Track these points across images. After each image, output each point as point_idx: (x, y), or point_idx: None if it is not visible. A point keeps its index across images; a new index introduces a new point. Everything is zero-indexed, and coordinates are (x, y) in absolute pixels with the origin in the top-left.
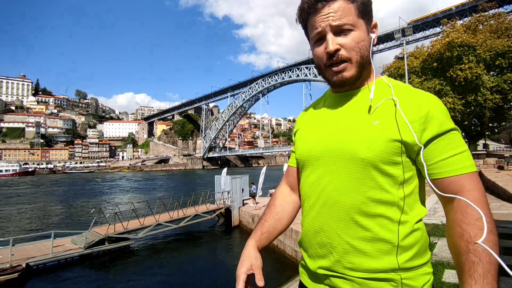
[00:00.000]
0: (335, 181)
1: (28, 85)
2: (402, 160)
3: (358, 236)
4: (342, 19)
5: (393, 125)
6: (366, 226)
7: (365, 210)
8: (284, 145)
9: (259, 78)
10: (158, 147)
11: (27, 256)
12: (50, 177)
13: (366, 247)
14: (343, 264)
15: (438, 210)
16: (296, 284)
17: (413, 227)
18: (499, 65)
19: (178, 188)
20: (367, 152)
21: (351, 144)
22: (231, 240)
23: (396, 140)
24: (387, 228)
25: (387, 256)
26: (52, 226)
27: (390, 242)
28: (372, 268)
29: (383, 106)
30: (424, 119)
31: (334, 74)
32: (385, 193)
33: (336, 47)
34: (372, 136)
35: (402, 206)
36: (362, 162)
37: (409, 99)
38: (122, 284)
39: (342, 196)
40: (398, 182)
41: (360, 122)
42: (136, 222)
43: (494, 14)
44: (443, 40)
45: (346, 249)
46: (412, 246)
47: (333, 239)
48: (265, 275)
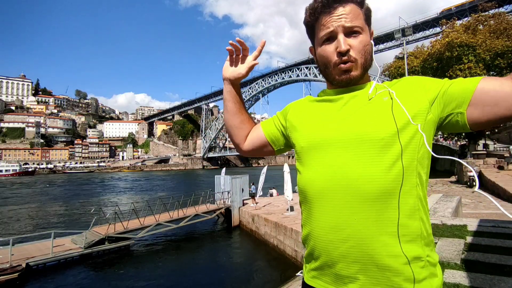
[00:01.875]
0: (357, 167)
1: (28, 85)
2: (417, 135)
3: (391, 232)
4: (354, 21)
5: (399, 110)
6: (401, 217)
7: (397, 198)
8: None
9: (259, 78)
10: (158, 147)
11: (27, 256)
12: (50, 177)
13: (408, 220)
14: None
15: (438, 210)
16: (296, 284)
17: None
18: (498, 65)
19: (178, 188)
20: (384, 131)
21: (367, 126)
22: (231, 240)
23: (405, 118)
24: (420, 218)
25: (418, 222)
26: (52, 226)
27: (423, 234)
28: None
29: (382, 97)
30: (423, 93)
31: (342, 73)
32: (413, 173)
33: (347, 48)
34: (384, 117)
35: (424, 192)
36: (382, 142)
37: (401, 86)
38: (122, 284)
39: (367, 184)
40: (416, 159)
41: (368, 107)
42: (136, 222)
43: (494, 14)
44: (442, 40)
45: (391, 221)
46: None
47: (363, 239)
48: (265, 275)
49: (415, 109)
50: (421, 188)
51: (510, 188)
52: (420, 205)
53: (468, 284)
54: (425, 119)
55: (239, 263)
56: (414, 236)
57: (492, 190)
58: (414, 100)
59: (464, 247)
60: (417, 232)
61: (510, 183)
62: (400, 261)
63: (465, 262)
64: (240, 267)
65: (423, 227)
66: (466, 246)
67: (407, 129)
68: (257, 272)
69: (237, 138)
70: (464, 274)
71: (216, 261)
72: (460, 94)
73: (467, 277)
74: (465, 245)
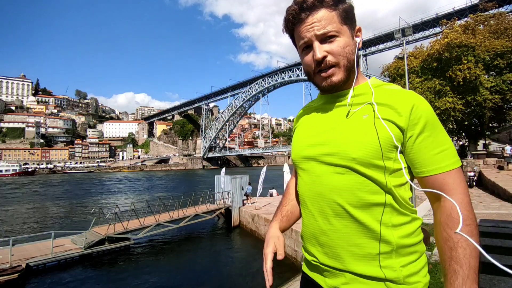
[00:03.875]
0: (328, 182)
1: (28, 85)
2: (394, 156)
3: (352, 230)
4: (326, 27)
5: (373, 128)
6: (363, 221)
7: (359, 206)
8: (284, 145)
9: (259, 78)
10: (158, 147)
11: (27, 256)
12: (50, 177)
13: (359, 239)
14: (341, 262)
15: None
16: (296, 284)
17: (410, 218)
18: (497, 65)
19: (178, 188)
20: (358, 152)
21: (340, 144)
22: (231, 240)
23: (381, 139)
24: (378, 219)
25: (380, 242)
26: (52, 226)
27: (382, 231)
28: (369, 252)
29: (364, 111)
30: (404, 120)
31: (323, 80)
32: (376, 187)
33: (324, 54)
34: (359, 137)
35: (395, 195)
36: (353, 161)
37: (388, 102)
38: (122, 284)
39: (337, 196)
40: (389, 172)
41: (345, 123)
42: (136, 222)
43: (494, 14)
44: (442, 40)
45: (344, 247)
46: (405, 231)
47: (332, 239)
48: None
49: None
50: (391, 207)
51: (510, 188)
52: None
53: None
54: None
55: (239, 263)
56: (376, 251)
57: (492, 190)
58: (390, 124)
59: None
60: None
61: (510, 183)
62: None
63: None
64: (240, 267)
65: (383, 242)
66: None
67: (384, 153)
68: (257, 272)
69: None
70: None
71: (216, 261)
72: (421, 165)
73: None
74: None
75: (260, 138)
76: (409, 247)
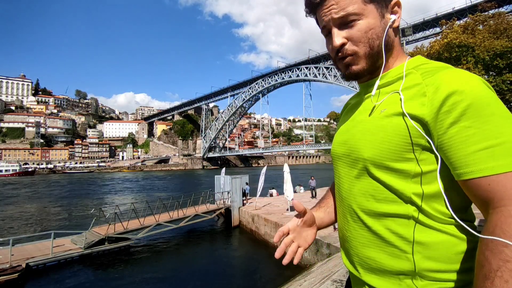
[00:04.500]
0: (345, 184)
1: (28, 85)
2: (415, 157)
3: (368, 240)
4: (345, 9)
5: (398, 123)
6: (379, 232)
7: (372, 212)
8: (284, 145)
9: (259, 78)
10: (158, 147)
11: (27, 256)
12: (50, 177)
13: (374, 252)
14: (359, 263)
15: None
16: (296, 284)
17: (440, 230)
18: (497, 66)
19: (178, 188)
20: (370, 151)
21: (355, 143)
22: (231, 240)
23: (403, 137)
24: (397, 233)
25: (399, 259)
26: (52, 226)
27: (401, 247)
28: (384, 268)
29: (387, 102)
30: (429, 108)
31: (344, 68)
32: (392, 194)
33: (342, 42)
34: (375, 135)
35: (419, 206)
36: (365, 162)
37: (420, 87)
38: (122, 284)
39: (353, 201)
40: (410, 177)
41: (366, 118)
42: (136, 222)
43: (494, 14)
44: (442, 41)
45: (360, 257)
46: (436, 252)
47: (350, 246)
48: (265, 275)
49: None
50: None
51: None
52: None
53: None
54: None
55: (239, 263)
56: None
57: None
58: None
59: None
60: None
61: None
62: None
63: None
64: (240, 267)
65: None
66: None
67: (401, 153)
68: (257, 272)
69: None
70: None
71: (216, 261)
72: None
73: None
74: None
75: (260, 138)
76: (442, 273)
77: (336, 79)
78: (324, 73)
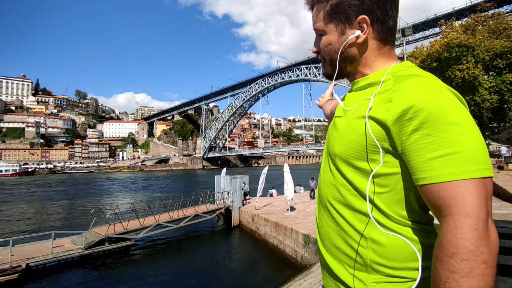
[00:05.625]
0: (322, 174)
1: (28, 85)
2: (379, 158)
3: (331, 229)
4: (317, 23)
5: (357, 125)
6: (337, 219)
7: (336, 204)
8: (284, 145)
9: (259, 78)
10: (158, 147)
11: (27, 257)
12: (50, 177)
13: (337, 239)
14: (326, 246)
15: None
16: (296, 284)
17: (393, 230)
18: (496, 66)
19: (178, 188)
20: (339, 148)
21: (331, 137)
22: (231, 240)
23: (370, 138)
24: (354, 227)
25: (354, 251)
26: (52, 226)
27: (356, 240)
28: (344, 256)
29: (364, 105)
30: (391, 114)
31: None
32: (354, 190)
33: (315, 50)
34: (346, 133)
35: (377, 205)
36: (335, 157)
37: (389, 94)
38: (122, 285)
39: (325, 189)
40: (372, 177)
41: (342, 119)
42: (136, 223)
43: (493, 14)
44: (441, 40)
45: (327, 236)
46: (388, 250)
47: (320, 225)
48: (265, 275)
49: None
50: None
51: (510, 188)
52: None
53: None
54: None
55: (239, 263)
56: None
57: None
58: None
59: None
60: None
61: (510, 183)
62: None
63: None
64: (240, 267)
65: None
66: None
67: (368, 154)
68: (257, 272)
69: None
70: None
71: (216, 261)
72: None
73: None
74: None
75: (260, 138)
76: (391, 269)
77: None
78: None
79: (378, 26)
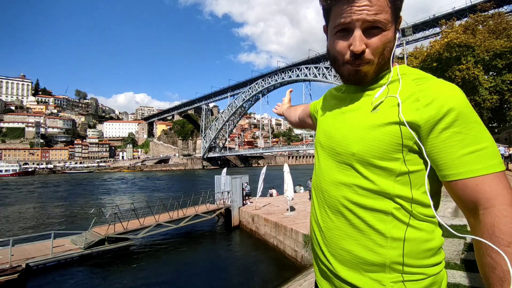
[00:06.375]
0: (330, 175)
1: (28, 85)
2: (403, 157)
3: (343, 233)
4: (378, 15)
5: (393, 125)
6: (353, 222)
7: (352, 206)
8: (284, 145)
9: (259, 78)
10: (158, 147)
11: (27, 257)
12: (50, 177)
13: (349, 245)
14: (332, 254)
15: (438, 210)
16: (296, 284)
17: (413, 226)
18: (496, 66)
19: (178, 188)
20: (358, 147)
21: (344, 138)
22: (231, 240)
23: (395, 138)
24: (374, 227)
25: (373, 253)
26: (52, 226)
27: (376, 241)
28: (358, 260)
29: (386, 105)
30: (421, 114)
31: (351, 72)
32: (374, 190)
33: (363, 48)
34: (367, 133)
35: (399, 203)
36: (353, 157)
37: (409, 93)
38: (122, 285)
39: (333, 190)
40: (395, 176)
41: (360, 118)
42: (136, 222)
43: (493, 14)
44: (442, 40)
45: (334, 249)
46: (408, 247)
47: (325, 231)
48: (265, 275)
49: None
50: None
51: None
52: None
53: (468, 284)
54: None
55: (239, 263)
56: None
57: None
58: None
59: (464, 247)
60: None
61: (510, 183)
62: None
63: (465, 262)
64: (240, 267)
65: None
66: (466, 246)
67: (389, 153)
68: (257, 272)
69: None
70: (464, 274)
71: (216, 261)
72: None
73: (467, 277)
74: (465, 245)
75: (260, 138)
76: (409, 267)
77: (336, 79)
78: (324, 73)
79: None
